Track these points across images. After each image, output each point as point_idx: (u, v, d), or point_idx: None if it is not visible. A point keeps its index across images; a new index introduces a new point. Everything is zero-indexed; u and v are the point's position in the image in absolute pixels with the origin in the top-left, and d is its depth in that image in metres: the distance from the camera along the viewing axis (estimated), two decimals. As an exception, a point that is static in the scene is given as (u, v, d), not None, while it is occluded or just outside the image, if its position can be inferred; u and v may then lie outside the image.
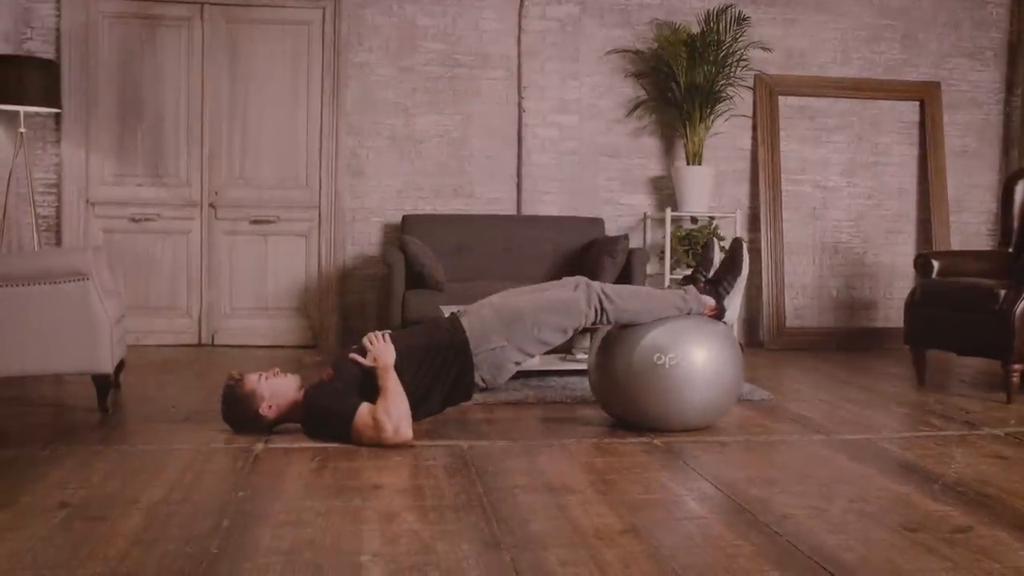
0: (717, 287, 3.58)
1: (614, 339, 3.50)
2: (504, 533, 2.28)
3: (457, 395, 3.43)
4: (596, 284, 3.45)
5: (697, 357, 3.38)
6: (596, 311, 3.39)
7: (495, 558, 2.10)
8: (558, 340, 3.44)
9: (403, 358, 3.29)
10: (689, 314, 3.50)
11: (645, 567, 2.06)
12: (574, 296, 3.41)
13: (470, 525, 2.34)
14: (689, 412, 3.42)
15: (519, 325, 3.37)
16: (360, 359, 3.28)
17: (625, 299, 3.43)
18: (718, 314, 3.56)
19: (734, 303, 3.57)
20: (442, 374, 3.35)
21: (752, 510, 2.50)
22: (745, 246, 3.66)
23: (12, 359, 3.52)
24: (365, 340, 3.33)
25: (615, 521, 2.39)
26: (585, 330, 3.52)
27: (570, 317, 3.39)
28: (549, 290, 3.50)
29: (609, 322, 3.45)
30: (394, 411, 3.12)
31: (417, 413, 3.30)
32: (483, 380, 3.40)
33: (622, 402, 3.50)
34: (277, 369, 3.36)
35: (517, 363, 3.43)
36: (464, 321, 3.41)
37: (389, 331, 3.44)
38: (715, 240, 3.82)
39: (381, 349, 3.27)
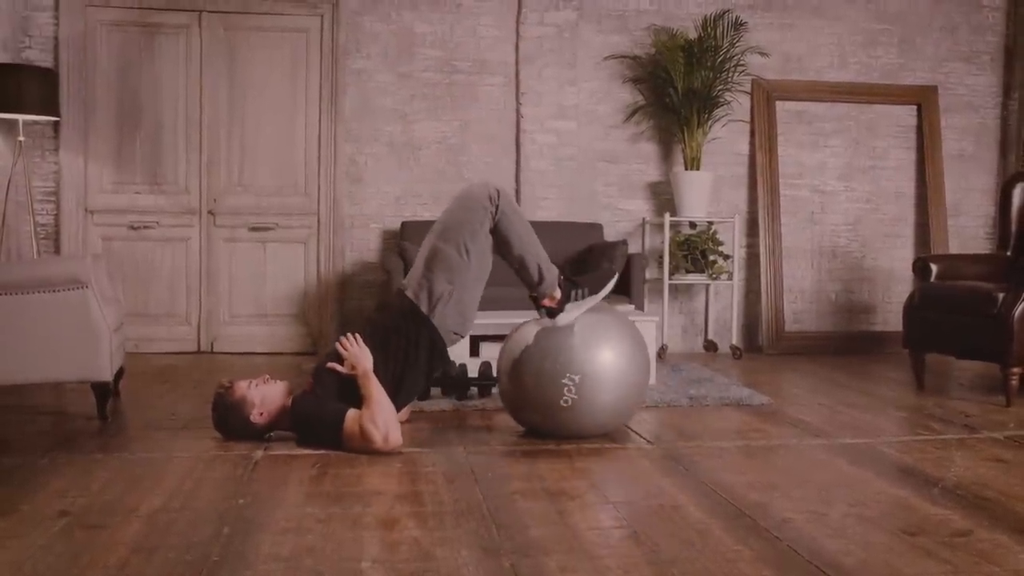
0: (572, 288, 3.47)
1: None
2: (504, 539, 2.28)
3: (435, 364, 3.43)
4: (492, 181, 3.42)
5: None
6: (494, 205, 3.33)
7: (495, 564, 2.10)
8: (487, 245, 3.37)
9: (375, 350, 3.29)
10: (539, 284, 3.39)
11: (645, 572, 2.06)
12: (471, 191, 3.37)
13: (470, 531, 2.34)
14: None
15: (447, 259, 3.33)
16: (339, 368, 3.27)
17: (516, 211, 3.39)
18: (552, 310, 3.43)
19: (573, 312, 3.42)
20: (412, 350, 3.35)
21: (752, 515, 2.50)
22: (613, 281, 3.55)
23: (11, 367, 3.52)
24: (338, 346, 3.32)
25: (615, 527, 2.39)
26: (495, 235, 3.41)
27: (478, 215, 3.32)
28: (450, 209, 3.43)
29: (495, 218, 3.34)
30: (380, 419, 3.11)
31: (403, 395, 3.29)
32: (455, 334, 3.40)
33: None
34: (267, 376, 3.37)
35: (475, 298, 3.40)
36: (408, 291, 3.40)
37: (359, 329, 3.41)
38: (615, 273, 3.71)
39: (356, 354, 3.26)
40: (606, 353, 3.30)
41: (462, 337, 3.49)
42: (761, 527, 2.39)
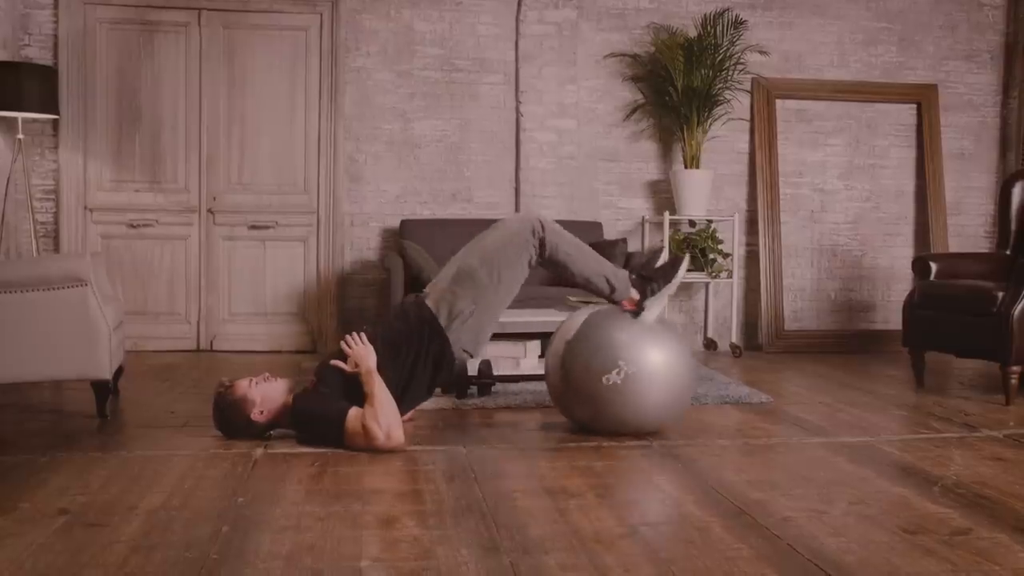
0: (646, 284, 3.49)
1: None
2: (504, 538, 2.27)
3: (441, 376, 3.43)
4: (537, 213, 3.43)
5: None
6: (539, 240, 3.35)
7: (495, 563, 2.10)
8: (520, 275, 3.40)
9: (381, 353, 3.28)
10: (612, 293, 3.43)
11: (645, 571, 2.06)
12: (516, 226, 3.38)
13: (469, 530, 2.34)
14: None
15: (477, 280, 3.35)
16: (343, 366, 3.27)
17: (565, 240, 3.41)
18: (635, 311, 3.46)
19: (655, 307, 3.45)
20: (421, 359, 3.34)
21: (752, 513, 2.50)
22: (685, 265, 3.57)
23: (11, 365, 3.52)
24: (343, 344, 3.32)
25: (615, 525, 2.39)
26: (541, 263, 3.45)
27: (519, 250, 3.35)
28: (491, 232, 3.45)
29: (544, 254, 3.38)
30: (382, 417, 3.11)
31: (405, 404, 3.29)
32: (465, 351, 3.40)
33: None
34: (267, 374, 3.35)
35: (493, 321, 3.41)
36: (429, 301, 3.40)
37: (365, 328, 3.42)
38: (664, 249, 3.75)
39: (361, 353, 3.26)
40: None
41: (471, 357, 3.49)
42: (761, 525, 2.39)
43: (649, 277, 3.51)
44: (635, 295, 3.47)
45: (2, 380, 3.55)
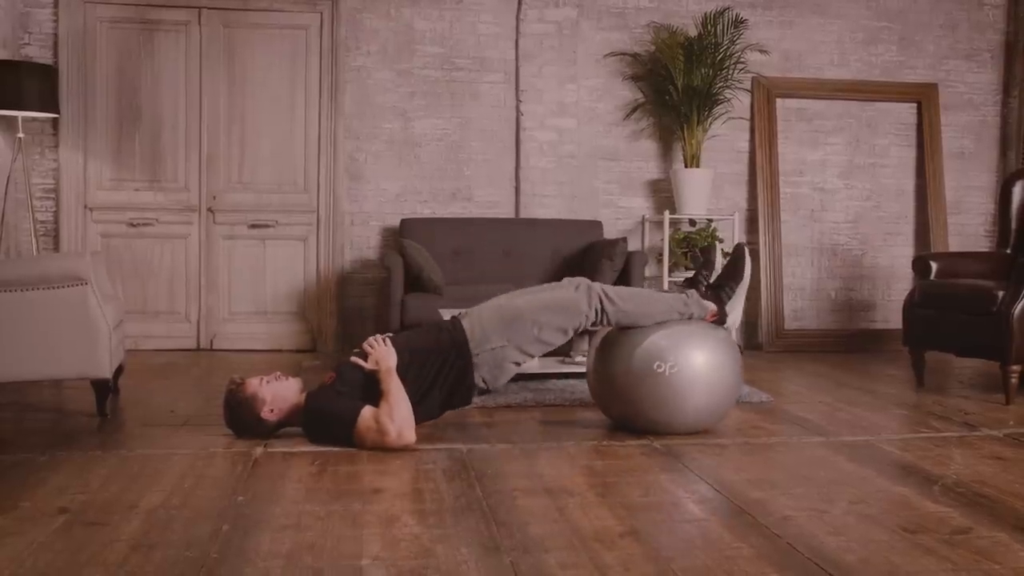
0: (719, 292, 3.57)
1: (613, 344, 3.49)
2: (504, 536, 2.27)
3: (456, 398, 3.43)
4: (597, 285, 3.44)
5: (696, 362, 3.36)
6: (597, 312, 3.39)
7: (495, 561, 2.10)
8: (559, 341, 3.43)
9: (404, 361, 3.28)
10: (690, 319, 3.49)
11: (645, 570, 2.06)
12: (575, 296, 3.40)
13: (470, 528, 2.34)
14: (689, 417, 3.41)
15: (519, 325, 3.36)
16: (362, 362, 3.28)
17: (626, 300, 3.43)
18: (719, 319, 3.54)
19: (736, 309, 3.56)
20: (442, 376, 3.35)
21: (752, 512, 2.50)
22: (747, 252, 3.64)
23: (11, 364, 3.52)
24: (366, 344, 3.33)
25: (615, 524, 2.39)
26: (584, 331, 3.52)
27: (570, 317, 3.38)
28: (549, 291, 3.49)
29: (609, 323, 3.44)
30: (396, 415, 3.12)
31: (416, 415, 3.30)
32: (483, 381, 3.40)
33: (621, 406, 3.50)
34: (279, 372, 3.35)
35: (517, 364, 3.42)
36: (465, 323, 3.41)
37: (390, 334, 3.44)
38: (717, 244, 3.80)
39: (382, 352, 3.27)
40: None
41: (487, 390, 3.48)
42: (761, 524, 2.39)
43: (718, 285, 3.59)
44: (714, 307, 3.54)
45: (2, 379, 3.55)
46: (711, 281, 3.65)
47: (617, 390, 3.46)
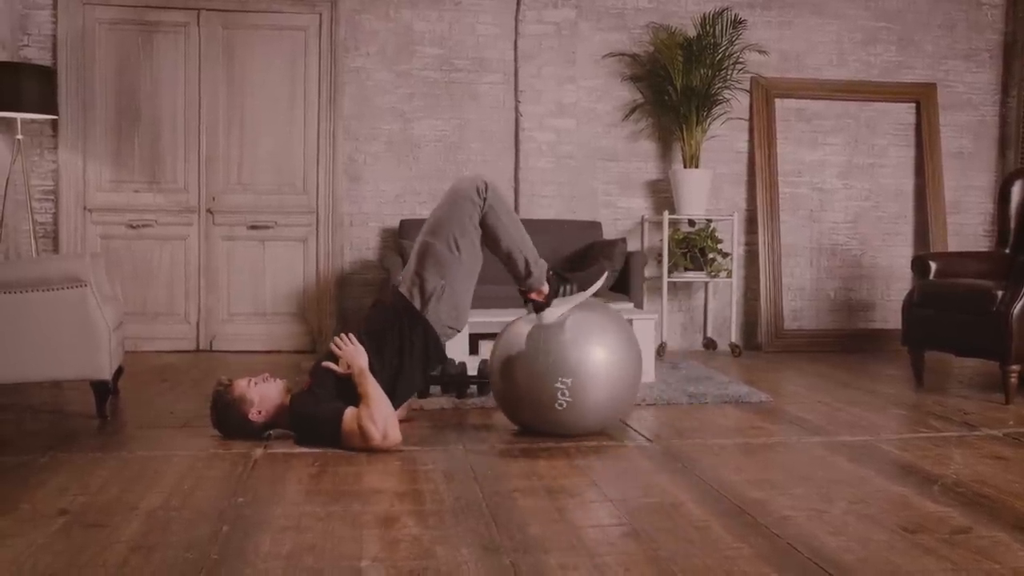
0: (559, 284, 3.48)
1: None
2: (503, 537, 2.28)
3: (431, 360, 3.43)
4: (482, 174, 3.43)
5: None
6: (482, 198, 3.33)
7: (495, 562, 2.10)
8: (478, 238, 3.38)
9: (370, 350, 3.29)
10: (527, 277, 3.40)
11: (645, 570, 2.06)
12: (461, 190, 3.36)
13: (469, 529, 2.34)
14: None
15: (438, 254, 3.35)
16: (335, 367, 3.27)
17: (504, 205, 3.40)
18: (539, 304, 3.44)
19: (560, 308, 3.41)
20: (407, 351, 3.34)
21: (751, 512, 2.50)
22: (604, 277, 3.58)
23: (11, 366, 3.52)
24: (332, 346, 3.32)
25: (614, 524, 2.39)
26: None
27: (466, 210, 3.33)
28: (440, 204, 3.44)
29: (482, 217, 3.36)
30: (378, 416, 3.11)
31: (398, 397, 3.30)
32: (450, 328, 3.40)
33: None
34: (267, 374, 3.36)
35: (467, 291, 3.40)
36: (402, 288, 3.42)
37: (354, 330, 3.42)
38: (607, 274, 3.69)
39: (351, 352, 3.26)
40: (598, 351, 3.29)
41: (457, 331, 3.48)
42: (761, 524, 2.39)
43: (567, 278, 3.51)
44: (546, 289, 3.45)
45: (2, 380, 3.55)
46: (565, 273, 3.57)
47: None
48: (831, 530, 2.35)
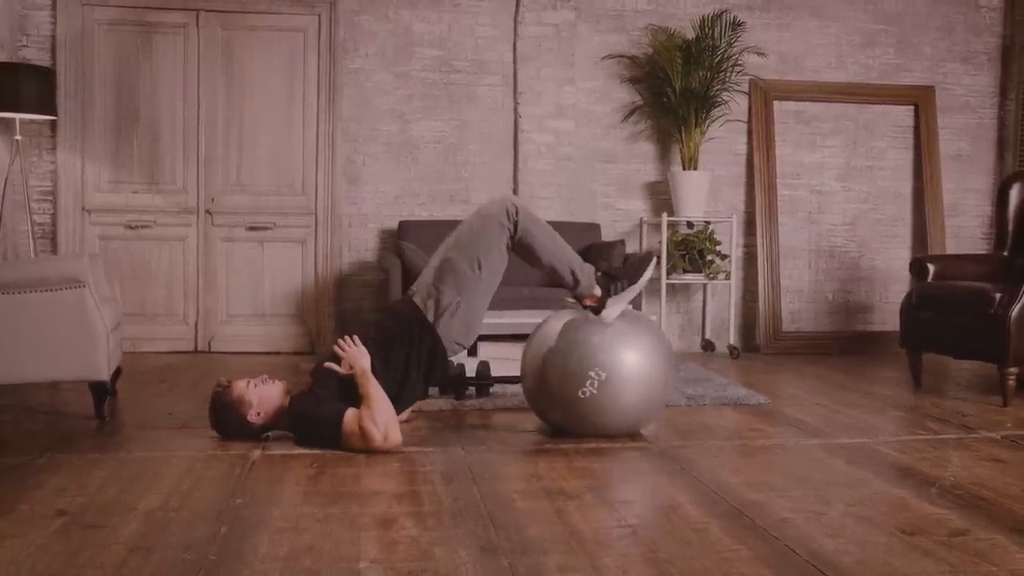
0: (611, 283, 3.49)
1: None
2: (502, 539, 2.28)
3: (435, 372, 3.44)
4: (511, 196, 3.43)
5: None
6: (513, 222, 3.36)
7: (493, 564, 2.10)
8: (500, 262, 3.41)
9: (374, 354, 3.29)
10: (576, 286, 3.43)
11: (643, 572, 2.06)
12: (490, 213, 3.38)
13: (468, 531, 2.34)
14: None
15: (459, 272, 3.36)
16: (336, 368, 3.27)
17: (537, 224, 3.42)
18: (596, 308, 3.46)
19: (616, 307, 3.44)
20: (414, 359, 3.35)
21: (749, 514, 2.50)
22: (653, 264, 3.58)
23: (9, 366, 3.52)
24: (336, 348, 3.33)
25: (613, 526, 2.39)
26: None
27: (494, 234, 3.36)
28: (467, 222, 3.46)
29: (514, 240, 3.39)
30: (379, 418, 3.11)
31: (401, 404, 3.29)
32: (457, 343, 3.41)
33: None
34: (265, 376, 3.36)
35: (481, 310, 3.42)
36: (416, 298, 3.42)
37: (357, 330, 3.42)
38: (654, 259, 3.72)
39: (354, 354, 3.26)
40: (631, 354, 3.31)
41: (464, 348, 3.51)
42: (759, 526, 2.40)
43: (615, 276, 3.52)
44: (598, 292, 3.47)
45: (0, 381, 3.54)
46: (611, 270, 3.58)
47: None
48: (829, 532, 2.35)
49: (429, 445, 3.31)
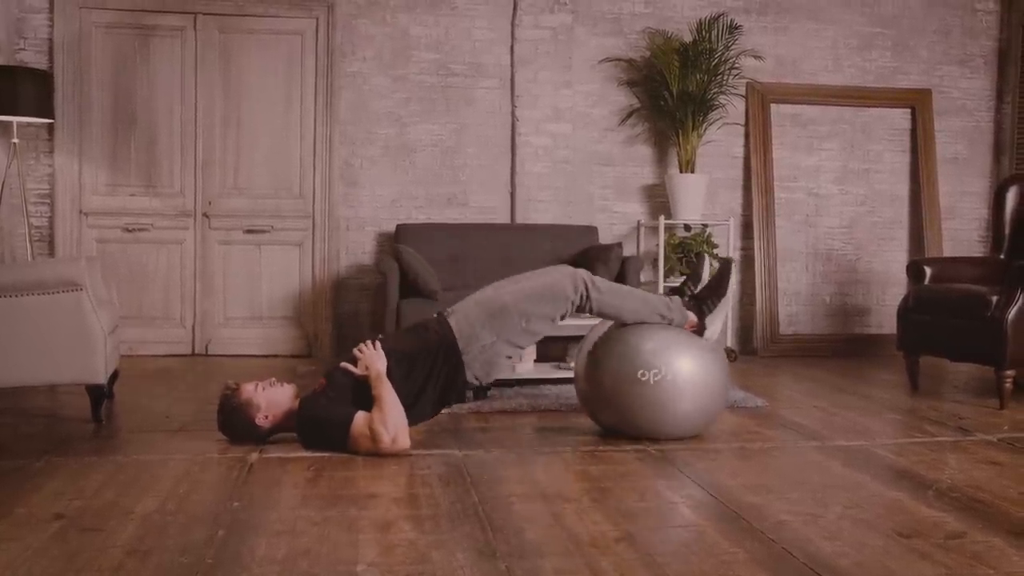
0: (701, 304, 3.57)
1: (599, 351, 3.49)
2: (499, 542, 2.28)
3: (450, 396, 3.43)
4: (583, 271, 3.44)
5: (682, 368, 3.36)
6: (582, 297, 3.38)
7: (491, 567, 2.10)
8: (547, 329, 3.43)
9: (394, 363, 3.28)
10: (671, 324, 3.49)
11: (640, 574, 2.06)
12: (560, 281, 3.39)
13: (465, 534, 2.34)
14: (679, 423, 3.41)
15: (507, 319, 3.35)
16: (352, 368, 3.27)
17: (611, 292, 3.44)
18: (699, 330, 3.54)
19: (716, 323, 3.55)
20: (433, 376, 3.34)
21: (747, 517, 2.50)
22: (734, 268, 3.65)
23: (6, 369, 3.51)
24: (355, 349, 3.33)
25: (610, 529, 2.39)
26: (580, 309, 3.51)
27: (557, 305, 3.37)
28: (535, 278, 3.46)
29: (591, 312, 3.43)
30: (390, 421, 3.12)
31: (410, 418, 3.30)
32: (475, 378, 3.41)
33: (610, 414, 3.49)
34: (274, 379, 3.36)
35: (509, 357, 3.43)
36: (452, 320, 3.40)
37: (380, 336, 3.44)
38: (706, 255, 3.80)
39: (372, 356, 3.27)
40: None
41: (480, 384, 3.50)
42: (756, 529, 2.40)
43: (700, 297, 3.60)
44: (694, 319, 3.54)
45: (-3, 384, 3.55)
46: (696, 292, 3.65)
47: (605, 397, 3.46)
48: (826, 535, 2.36)
49: (427, 448, 3.31)
